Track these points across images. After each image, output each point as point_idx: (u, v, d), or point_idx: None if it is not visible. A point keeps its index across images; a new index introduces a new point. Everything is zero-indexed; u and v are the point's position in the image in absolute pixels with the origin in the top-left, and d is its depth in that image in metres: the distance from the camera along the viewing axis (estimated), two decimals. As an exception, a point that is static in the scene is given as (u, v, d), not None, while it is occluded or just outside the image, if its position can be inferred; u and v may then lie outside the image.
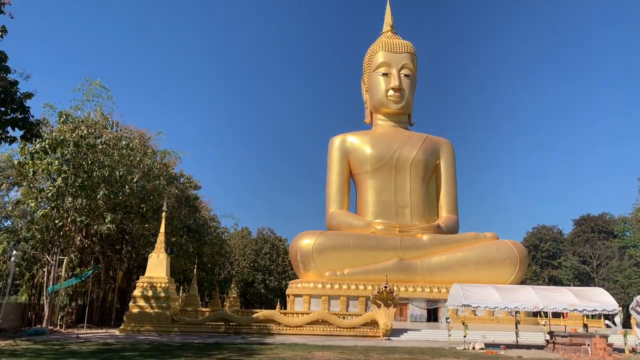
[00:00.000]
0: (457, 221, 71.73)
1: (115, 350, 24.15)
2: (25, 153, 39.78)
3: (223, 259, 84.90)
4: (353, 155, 72.41)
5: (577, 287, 34.72)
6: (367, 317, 37.91)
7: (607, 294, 30.64)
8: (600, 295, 30.62)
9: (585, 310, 29.66)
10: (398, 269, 60.56)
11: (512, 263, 61.21)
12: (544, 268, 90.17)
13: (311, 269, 61.32)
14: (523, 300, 30.30)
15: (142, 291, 37.74)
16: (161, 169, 51.03)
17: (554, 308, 29.80)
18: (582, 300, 29.89)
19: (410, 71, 74.94)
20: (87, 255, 44.68)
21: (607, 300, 29.95)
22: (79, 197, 39.74)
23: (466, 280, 54.72)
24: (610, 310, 29.61)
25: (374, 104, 75.33)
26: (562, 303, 29.92)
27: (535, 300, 30.11)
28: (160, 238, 40.19)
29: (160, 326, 36.76)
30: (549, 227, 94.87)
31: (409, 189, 70.33)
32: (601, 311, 29.75)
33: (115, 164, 42.54)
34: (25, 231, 41.63)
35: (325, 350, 26.67)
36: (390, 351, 26.99)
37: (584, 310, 29.67)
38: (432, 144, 73.61)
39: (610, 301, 29.92)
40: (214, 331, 36.89)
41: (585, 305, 29.68)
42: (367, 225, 66.39)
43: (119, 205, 42.82)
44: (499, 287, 32.49)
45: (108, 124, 45.30)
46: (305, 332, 37.27)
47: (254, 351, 25.22)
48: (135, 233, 47.82)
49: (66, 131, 40.52)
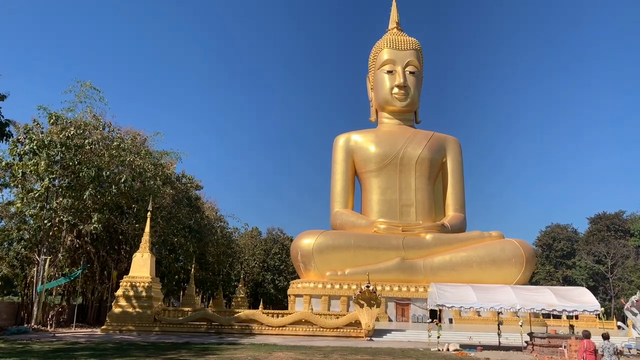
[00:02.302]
0: (464, 220, 70.22)
1: (70, 350, 24.12)
2: (14, 154, 40.55)
3: (231, 259, 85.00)
4: (357, 154, 71.65)
5: (559, 287, 33.43)
6: (350, 317, 37.22)
7: (589, 294, 29.35)
8: (582, 295, 29.35)
9: (564, 311, 28.46)
10: (400, 269, 59.68)
11: (518, 263, 59.53)
12: (558, 268, 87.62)
13: (312, 269, 60.89)
14: (500, 300, 29.27)
15: (124, 291, 37.83)
16: (157, 170, 51.23)
17: (531, 308, 28.68)
18: (562, 301, 28.69)
19: (416, 68, 73.74)
20: (79, 255, 45.13)
21: (588, 300, 28.69)
22: (66, 197, 40.15)
23: (470, 280, 53.39)
24: (592, 311, 28.33)
25: (379, 102, 74.42)
26: (540, 303, 28.78)
27: (513, 300, 29.04)
28: (145, 238, 40.24)
29: (142, 326, 36.76)
30: (563, 226, 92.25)
31: (414, 188, 69.17)
32: (582, 312, 28.53)
33: (105, 164, 42.87)
34: (16, 231, 42.27)
35: (289, 350, 26.18)
36: (355, 352, 26.33)
37: (563, 311, 28.47)
38: (438, 142, 72.28)
39: (591, 301, 28.64)
40: (195, 331, 36.72)
41: (565, 305, 28.48)
42: (370, 224, 65.56)
43: (107, 205, 43.07)
44: (477, 287, 31.47)
45: (100, 125, 45.70)
46: (287, 332, 36.78)
47: (212, 351, 24.90)
48: (130, 233, 48.15)
49: (54, 132, 41.04)
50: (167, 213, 55.52)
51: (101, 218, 41.08)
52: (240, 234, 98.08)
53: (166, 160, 56.95)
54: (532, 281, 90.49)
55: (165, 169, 54.08)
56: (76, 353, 22.63)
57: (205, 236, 66.05)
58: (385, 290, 58.80)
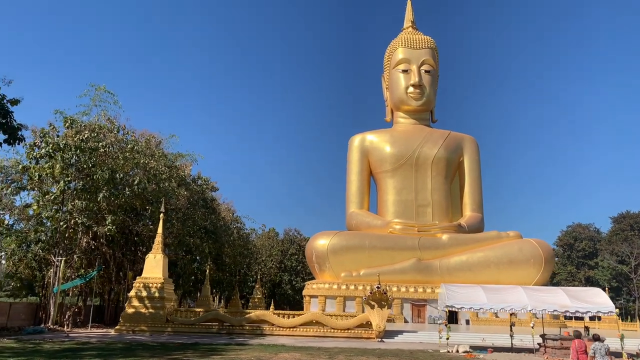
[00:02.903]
0: (481, 220, 69.36)
1: (79, 350, 24.42)
2: (30, 157, 41.35)
3: (248, 260, 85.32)
4: (373, 154, 71.33)
5: (573, 288, 32.63)
6: (362, 318, 36.96)
7: (603, 295, 28.61)
8: (596, 296, 28.62)
9: (577, 312, 27.79)
10: (416, 270, 59.27)
11: (536, 263, 58.61)
12: (580, 268, 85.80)
13: (326, 270, 60.80)
14: (511, 302, 28.73)
15: (137, 292, 38.21)
16: (171, 172, 51.71)
17: (543, 310, 28.07)
18: (575, 302, 28.03)
19: (431, 67, 73.13)
20: (95, 257, 45.80)
21: (602, 302, 27.96)
22: (81, 199, 40.77)
23: (487, 281, 52.77)
24: (606, 312, 27.62)
25: (394, 102, 74.01)
26: (552, 304, 28.16)
27: (524, 301, 28.47)
28: (158, 239, 40.58)
29: (155, 326, 37.08)
30: (584, 226, 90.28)
31: (430, 188, 68.57)
32: (595, 313, 27.81)
33: (119, 166, 43.41)
34: (33, 233, 43.06)
35: (296, 351, 26.10)
36: (362, 353, 26.12)
37: (576, 312, 27.81)
38: (455, 141, 71.54)
39: (605, 302, 27.90)
40: (207, 331, 36.91)
41: (578, 306, 27.82)
42: (385, 224, 65.21)
43: (121, 207, 43.60)
44: (487, 288, 30.94)
45: (114, 128, 46.33)
46: (298, 333, 36.72)
47: (217, 352, 24.95)
48: (145, 234, 48.67)
49: (70, 136, 41.73)
50: (183, 214, 55.98)
51: (115, 220, 41.61)
52: (258, 235, 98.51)
53: (181, 162, 57.42)
54: (554, 282, 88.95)
55: (180, 170, 54.55)
56: (83, 353, 22.89)
57: (221, 237, 66.40)
58: (401, 291, 58.45)
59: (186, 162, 58.20)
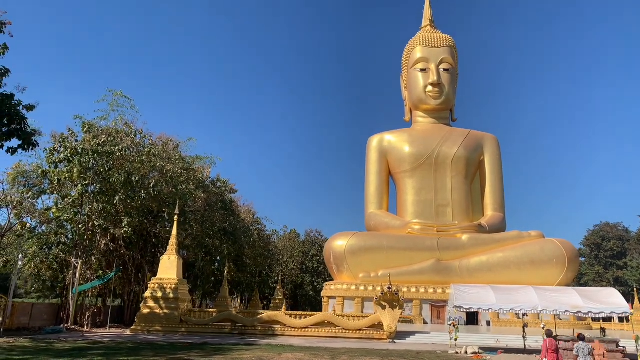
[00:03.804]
0: (503, 219, 68.21)
1: (87, 349, 24.93)
2: (50, 162, 42.44)
3: (269, 261, 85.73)
4: (391, 154, 70.89)
5: (587, 288, 31.82)
6: (373, 319, 36.78)
7: (618, 295, 27.80)
8: (610, 297, 27.83)
9: (590, 313, 27.05)
10: (435, 271, 58.63)
11: (559, 263, 57.34)
12: (608, 269, 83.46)
13: (344, 271, 60.61)
14: (521, 302, 28.15)
15: (152, 292, 38.82)
16: (189, 174, 52.37)
17: (554, 310, 27.41)
18: (588, 302, 27.30)
19: (450, 65, 72.34)
20: (114, 259, 46.69)
21: (616, 302, 27.17)
22: (98, 202, 41.65)
23: (508, 281, 51.94)
24: (620, 313, 26.83)
25: (413, 101, 73.46)
26: (564, 305, 27.48)
27: (535, 301, 27.88)
28: (172, 240, 41.15)
29: (169, 326, 37.60)
30: (612, 225, 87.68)
31: (450, 188, 67.77)
32: (609, 314, 27.01)
33: (135, 170, 44.18)
34: (54, 236, 44.15)
35: (300, 351, 26.13)
36: (367, 354, 25.97)
37: (589, 313, 27.07)
38: (475, 140, 70.58)
39: (620, 303, 27.11)
40: (219, 332, 37.25)
41: (591, 307, 27.08)
42: (404, 225, 64.71)
43: (137, 210, 44.34)
44: (497, 288, 30.38)
45: (132, 132, 47.18)
46: (310, 333, 36.74)
47: (222, 352, 25.15)
48: (163, 236, 49.40)
49: (87, 140, 42.69)
50: (201, 216, 56.60)
51: (131, 222, 42.35)
52: (280, 236, 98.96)
53: (199, 164, 58.07)
54: (580, 283, 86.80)
55: (197, 173, 55.19)
56: (90, 352, 23.37)
57: (240, 238, 66.87)
58: (420, 292, 57.93)
59: (204, 165, 58.85)
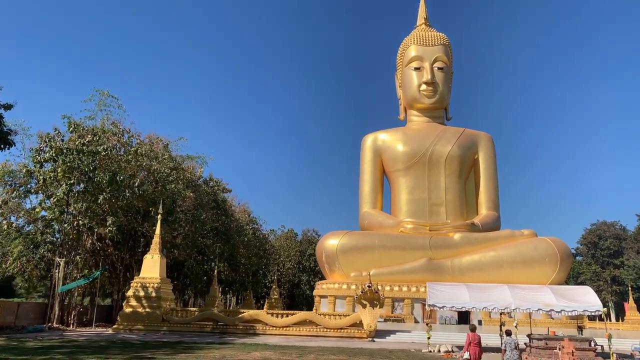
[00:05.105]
0: (497, 218, 67.79)
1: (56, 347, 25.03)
2: (36, 161, 42.68)
3: (265, 261, 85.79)
4: (385, 153, 70.64)
5: (561, 286, 31.60)
6: (354, 317, 36.67)
7: (592, 293, 27.52)
8: (584, 295, 27.57)
9: (563, 311, 26.81)
10: (427, 269, 58.27)
11: (551, 262, 56.96)
12: (605, 267, 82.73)
13: (336, 270, 60.48)
14: (494, 300, 27.98)
15: (134, 291, 38.91)
16: (178, 173, 52.45)
17: (527, 308, 27.22)
18: (561, 300, 27.07)
19: (445, 64, 72.03)
20: (100, 258, 46.86)
21: (590, 300, 26.91)
22: (82, 201, 41.83)
23: (500, 280, 51.49)
24: (593, 311, 26.56)
25: (408, 100, 73.19)
26: (537, 303, 27.28)
27: (508, 300, 27.71)
28: (156, 239, 41.23)
29: (151, 325, 37.64)
30: (609, 223, 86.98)
31: (443, 186, 67.49)
32: (582, 312, 26.77)
33: (122, 169, 44.33)
34: (40, 235, 44.38)
35: (270, 350, 26.09)
36: (338, 352, 25.89)
37: (562, 311, 26.83)
38: (469, 138, 70.20)
39: (593, 301, 26.83)
40: (201, 331, 37.23)
41: (563, 305, 26.85)
42: (396, 224, 64.46)
43: (122, 209, 44.48)
44: (472, 286, 30.21)
45: (119, 132, 47.35)
46: (291, 332, 36.67)
47: (191, 350, 25.15)
48: (151, 236, 49.45)
49: (73, 140, 42.90)
50: (191, 216, 56.69)
51: (115, 221, 42.47)
52: (277, 236, 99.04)
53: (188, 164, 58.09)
54: (578, 282, 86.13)
55: (187, 172, 55.26)
56: (55, 350, 23.45)
57: (232, 238, 66.91)
58: (412, 291, 57.71)
59: (194, 164, 58.90)
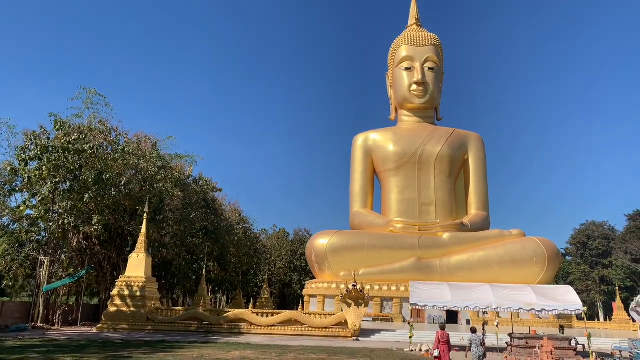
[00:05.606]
0: (486, 218, 68.04)
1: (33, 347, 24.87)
2: (21, 160, 42.43)
3: (256, 260, 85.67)
4: (376, 153, 70.75)
5: (543, 285, 31.73)
6: (339, 317, 36.66)
7: (572, 293, 27.63)
8: (565, 294, 27.68)
9: (544, 310, 26.91)
10: (416, 269, 58.43)
11: (539, 262, 57.32)
12: (594, 267, 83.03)
13: (326, 269, 60.57)
14: (476, 300, 28.02)
15: (119, 290, 38.74)
16: (166, 172, 52.26)
17: (508, 308, 27.29)
18: (542, 300, 27.16)
19: (435, 64, 72.17)
20: (87, 257, 46.64)
21: (570, 300, 27.01)
22: (68, 199, 41.62)
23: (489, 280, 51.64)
24: (573, 310, 26.66)
25: (398, 100, 73.33)
26: (518, 302, 27.36)
27: (489, 299, 27.75)
28: (141, 238, 41.07)
29: (135, 324, 37.50)
30: (598, 223, 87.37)
31: (433, 186, 67.65)
32: (562, 311, 26.84)
33: (108, 168, 44.14)
34: (25, 234, 44.11)
35: (250, 349, 26.04)
36: (318, 351, 25.86)
37: (542, 311, 26.92)
38: (459, 139, 70.39)
39: (573, 300, 26.95)
40: (185, 330, 37.15)
41: (544, 304, 26.94)
42: (386, 223, 64.61)
43: (108, 207, 44.29)
44: (454, 285, 30.26)
45: (106, 130, 47.15)
46: (276, 332, 36.65)
47: (170, 349, 25.07)
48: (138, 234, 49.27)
49: (58, 138, 42.69)
50: (180, 215, 56.54)
51: (101, 220, 42.26)
52: (268, 236, 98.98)
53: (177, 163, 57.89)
54: (567, 281, 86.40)
55: (175, 171, 55.07)
56: (33, 350, 23.30)
57: (222, 237, 66.76)
58: (401, 291, 57.79)
59: (182, 163, 58.73)
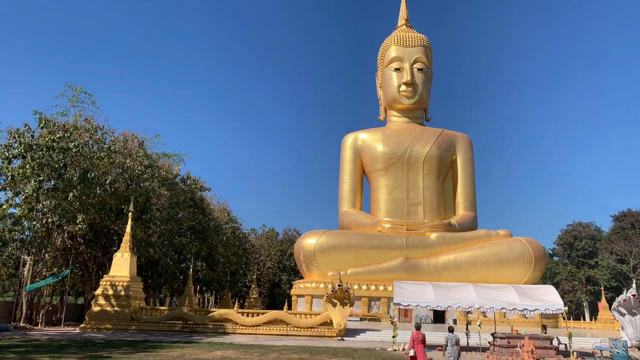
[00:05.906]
0: (474, 218, 68.33)
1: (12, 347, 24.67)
2: (4, 158, 42.02)
3: (245, 260, 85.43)
4: (365, 153, 70.80)
5: (526, 285, 31.93)
6: (324, 317, 36.64)
7: (554, 293, 27.81)
8: (547, 294, 27.86)
9: (526, 310, 27.07)
10: (403, 269, 58.53)
11: (525, 262, 57.60)
12: (580, 268, 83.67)
13: (314, 269, 60.51)
14: (459, 299, 28.14)
15: (103, 290, 38.45)
16: (153, 171, 51.99)
17: (491, 307, 27.42)
18: (524, 299, 27.32)
19: (424, 65, 72.36)
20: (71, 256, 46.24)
21: (552, 299, 27.20)
22: (52, 198, 41.28)
23: (476, 280, 51.86)
24: (554, 310, 26.83)
25: (387, 100, 73.43)
26: (501, 302, 27.50)
27: (472, 299, 27.88)
28: (126, 237, 40.78)
29: (119, 324, 37.23)
30: (585, 224, 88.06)
31: (421, 186, 67.83)
32: (544, 310, 27.01)
33: (94, 166, 43.84)
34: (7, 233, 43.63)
35: (233, 349, 25.97)
36: (300, 351, 25.85)
37: (524, 310, 27.09)
38: (448, 139, 70.63)
39: (555, 300, 27.14)
40: (170, 330, 36.93)
41: (526, 304, 27.10)
42: (374, 223, 64.70)
43: (93, 206, 43.98)
44: (438, 285, 30.37)
45: (92, 128, 46.86)
46: (261, 332, 36.55)
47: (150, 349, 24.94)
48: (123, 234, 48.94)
49: (43, 136, 42.35)
50: (167, 214, 56.25)
51: (86, 219, 41.94)
52: (257, 235, 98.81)
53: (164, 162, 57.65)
54: (554, 282, 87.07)
55: (161, 170, 54.78)
56: (10, 350, 23.10)
57: (210, 237, 66.52)
58: (388, 291, 57.75)
59: (170, 162, 58.48)
